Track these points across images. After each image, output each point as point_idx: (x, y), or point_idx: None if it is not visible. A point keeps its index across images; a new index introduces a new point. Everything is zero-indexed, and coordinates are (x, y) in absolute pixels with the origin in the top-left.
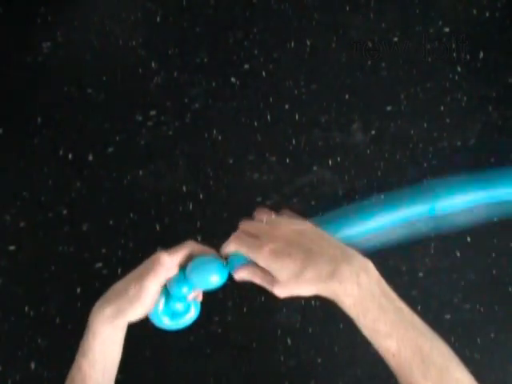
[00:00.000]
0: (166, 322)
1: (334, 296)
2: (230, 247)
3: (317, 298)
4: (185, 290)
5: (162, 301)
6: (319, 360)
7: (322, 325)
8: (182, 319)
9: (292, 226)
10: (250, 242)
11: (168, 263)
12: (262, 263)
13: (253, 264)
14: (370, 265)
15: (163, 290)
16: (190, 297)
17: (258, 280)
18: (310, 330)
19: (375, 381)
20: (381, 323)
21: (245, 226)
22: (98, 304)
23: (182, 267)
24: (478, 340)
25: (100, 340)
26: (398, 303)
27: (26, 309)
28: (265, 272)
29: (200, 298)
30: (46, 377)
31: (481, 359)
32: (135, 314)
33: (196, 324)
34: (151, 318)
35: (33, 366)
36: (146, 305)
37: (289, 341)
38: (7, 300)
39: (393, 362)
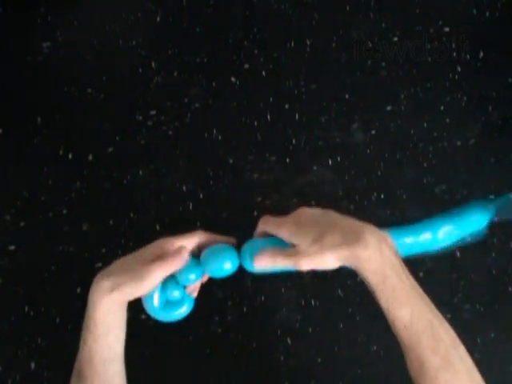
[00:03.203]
0: (158, 309)
1: (356, 262)
2: (259, 228)
3: (316, 297)
4: (192, 276)
5: (159, 287)
6: (319, 360)
7: (322, 325)
8: (175, 312)
9: (314, 208)
10: (276, 219)
11: (185, 259)
12: (284, 233)
13: (269, 247)
14: (389, 238)
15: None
16: (192, 287)
17: (280, 259)
18: (310, 329)
19: (375, 381)
20: (399, 292)
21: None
22: (99, 276)
23: (193, 254)
24: (478, 340)
25: (101, 313)
26: (412, 278)
27: (26, 309)
28: (284, 251)
29: (195, 294)
30: (46, 377)
31: (481, 359)
32: (135, 292)
33: (196, 324)
34: (145, 301)
35: (33, 366)
36: (147, 287)
37: (289, 341)
38: (7, 300)
39: (404, 333)
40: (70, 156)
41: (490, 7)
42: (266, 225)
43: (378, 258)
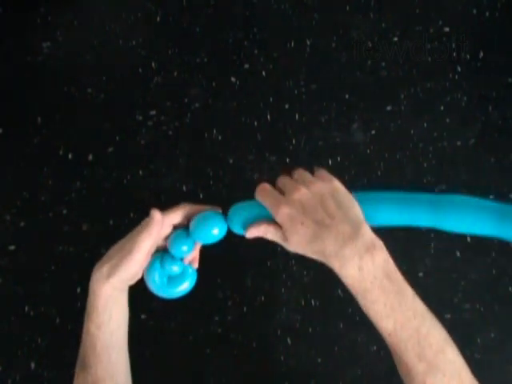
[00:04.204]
0: (163, 287)
1: (336, 272)
2: (256, 196)
3: (316, 297)
4: (184, 248)
5: (158, 264)
6: (319, 360)
7: (322, 325)
8: (179, 287)
9: (315, 187)
10: (272, 198)
11: (160, 219)
12: (278, 221)
13: (265, 221)
14: (378, 245)
15: (158, 255)
16: (189, 257)
17: (270, 235)
18: (310, 330)
19: (375, 381)
20: (380, 304)
21: (279, 179)
22: (97, 265)
23: (182, 226)
24: (478, 340)
25: (102, 300)
26: (402, 285)
27: (26, 309)
28: (277, 228)
29: (196, 265)
30: (46, 377)
31: (481, 359)
32: (128, 270)
33: (196, 324)
34: (148, 282)
35: (33, 365)
36: (137, 261)
37: (289, 341)
38: (7, 300)
39: (389, 340)
40: (69, 156)
41: (489, 7)
42: (264, 199)
43: (356, 273)
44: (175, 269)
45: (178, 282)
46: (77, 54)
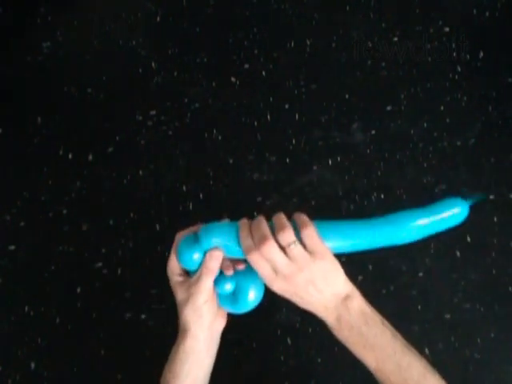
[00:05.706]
0: (234, 306)
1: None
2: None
3: None
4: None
5: (212, 292)
6: (319, 360)
7: (322, 325)
8: (244, 301)
9: (306, 268)
10: (267, 269)
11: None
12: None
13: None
14: (355, 294)
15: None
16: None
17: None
18: (309, 330)
19: (375, 381)
20: (360, 346)
21: (269, 244)
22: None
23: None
24: (478, 340)
25: (184, 353)
26: (380, 325)
27: (26, 309)
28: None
29: (242, 267)
30: (46, 377)
31: (481, 359)
32: (196, 309)
33: None
34: (220, 306)
35: (33, 365)
36: (203, 298)
37: (289, 341)
38: (7, 300)
39: (375, 374)
40: (70, 156)
41: (489, 7)
42: (260, 266)
43: (336, 325)
44: (228, 287)
45: (243, 293)
46: (77, 54)
